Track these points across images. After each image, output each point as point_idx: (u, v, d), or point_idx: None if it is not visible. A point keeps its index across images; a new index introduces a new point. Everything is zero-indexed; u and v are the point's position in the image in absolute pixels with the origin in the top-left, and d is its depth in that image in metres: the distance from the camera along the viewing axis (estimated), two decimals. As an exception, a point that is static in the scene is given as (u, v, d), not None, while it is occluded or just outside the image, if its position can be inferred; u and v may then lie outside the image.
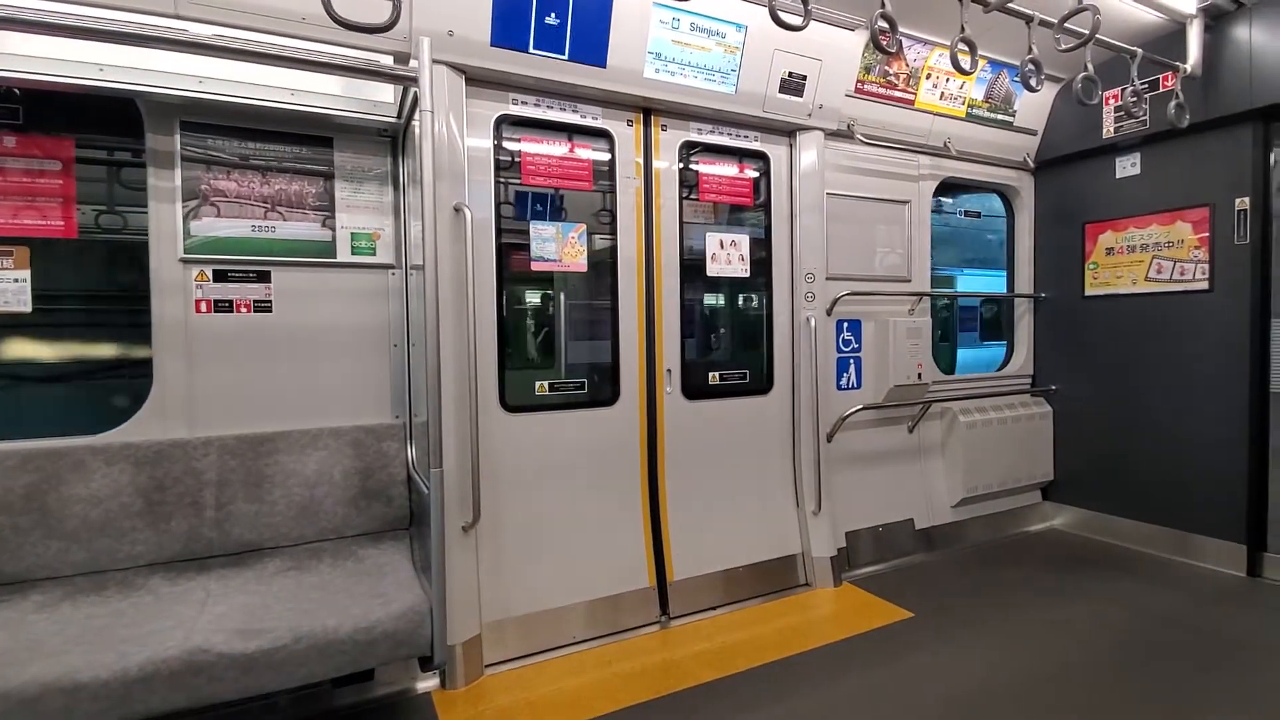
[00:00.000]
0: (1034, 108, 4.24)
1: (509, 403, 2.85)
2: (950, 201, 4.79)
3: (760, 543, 3.41)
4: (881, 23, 2.46)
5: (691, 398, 3.27)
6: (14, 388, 2.64)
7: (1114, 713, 2.33)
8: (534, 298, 3.21)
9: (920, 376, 3.86)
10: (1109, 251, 4.11)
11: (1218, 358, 3.60)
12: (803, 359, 3.50)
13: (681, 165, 3.25)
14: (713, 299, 3.57)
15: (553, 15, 2.68)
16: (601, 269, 3.09)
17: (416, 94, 2.27)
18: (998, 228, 4.79)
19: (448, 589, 2.30)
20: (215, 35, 2.10)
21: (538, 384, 2.98)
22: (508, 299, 2.89)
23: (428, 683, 2.55)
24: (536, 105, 2.90)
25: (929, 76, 3.78)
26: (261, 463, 2.62)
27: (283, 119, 2.72)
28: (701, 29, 2.99)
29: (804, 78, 3.29)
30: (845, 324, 3.78)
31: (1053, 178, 4.42)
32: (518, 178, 2.92)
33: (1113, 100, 3.90)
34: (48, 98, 2.45)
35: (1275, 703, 2.38)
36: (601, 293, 3.12)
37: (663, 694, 2.49)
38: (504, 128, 2.86)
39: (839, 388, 3.75)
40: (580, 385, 3.07)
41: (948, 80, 3.83)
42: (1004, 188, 4.49)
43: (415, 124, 2.33)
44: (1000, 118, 4.16)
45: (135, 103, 2.52)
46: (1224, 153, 3.56)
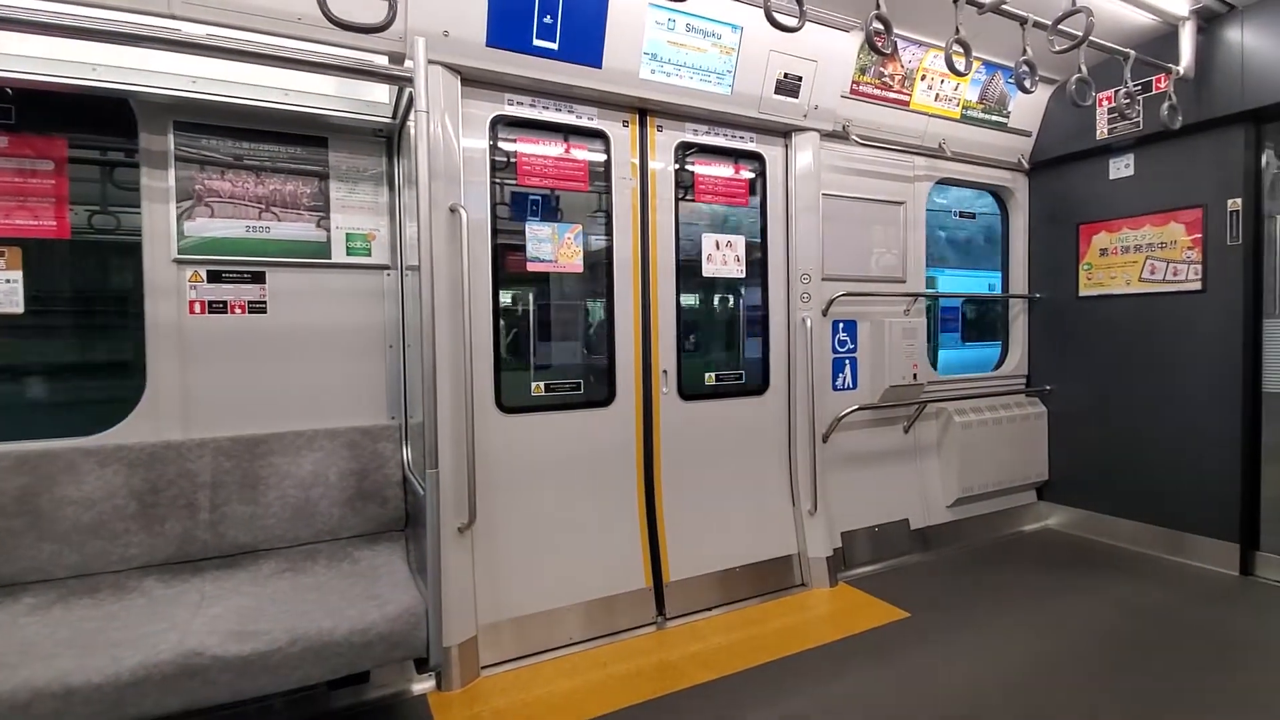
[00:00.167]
0: (1028, 109, 4.26)
1: (505, 404, 2.85)
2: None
3: (756, 543, 3.41)
4: (876, 24, 2.47)
5: (687, 398, 3.28)
6: (6, 389, 2.62)
7: (1108, 711, 2.34)
8: (531, 297, 3.20)
9: (915, 377, 3.87)
10: (1103, 252, 4.13)
11: (1211, 358, 3.62)
12: (798, 359, 3.51)
13: (677, 166, 3.25)
14: (710, 299, 3.57)
15: (548, 16, 2.68)
16: (597, 270, 3.09)
17: (412, 94, 2.27)
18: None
19: (443, 590, 2.29)
20: (209, 35, 2.09)
21: (533, 385, 2.98)
22: (504, 299, 2.89)
23: (423, 684, 2.54)
24: (532, 106, 2.90)
25: (924, 78, 3.79)
26: (256, 464, 2.61)
27: (277, 119, 2.71)
28: (697, 30, 2.99)
29: (799, 79, 3.30)
30: (841, 324, 3.79)
31: (1047, 179, 4.44)
32: (514, 178, 2.91)
33: (1106, 102, 3.91)
34: (40, 97, 2.43)
35: (1268, 700, 2.39)
36: (598, 293, 3.12)
37: (659, 695, 2.49)
38: (500, 128, 2.86)
39: (834, 388, 3.76)
40: (576, 386, 3.07)
41: (942, 81, 3.84)
42: (999, 189, 4.51)
43: (410, 124, 2.33)
44: (995, 119, 4.18)
45: (129, 102, 2.50)
46: (1216, 154, 3.58)
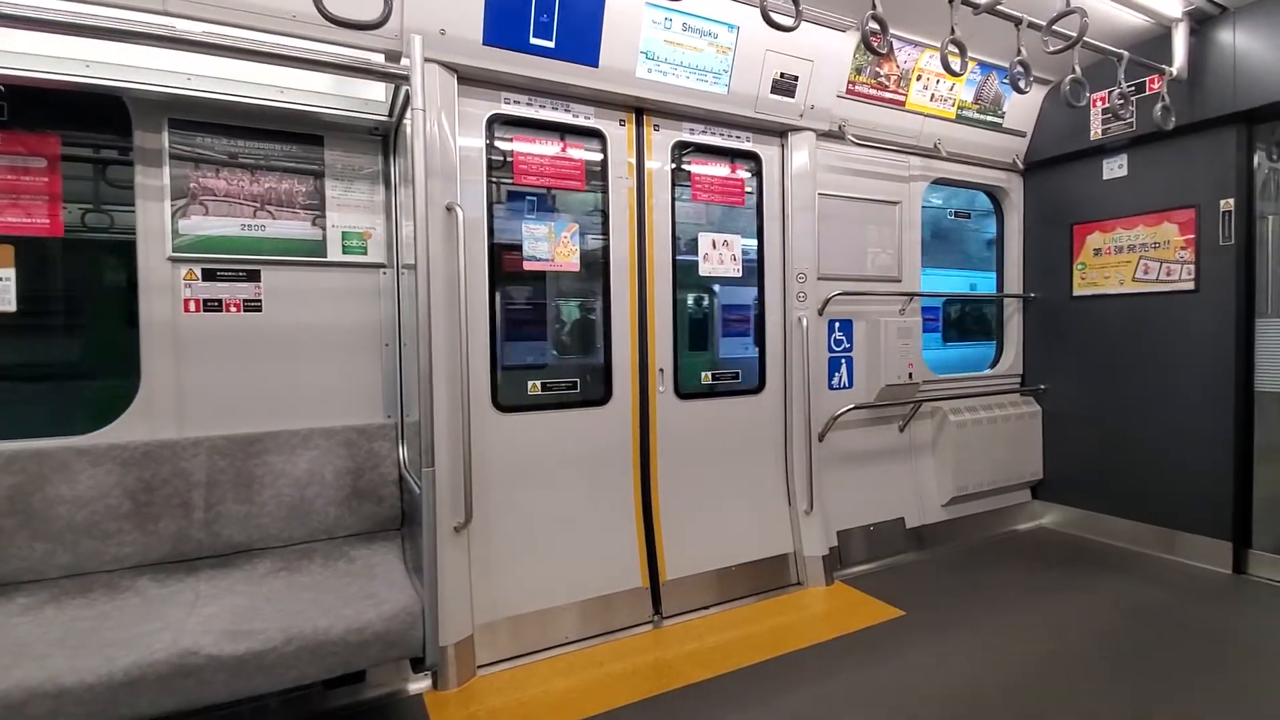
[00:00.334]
0: (1023, 110, 4.28)
1: (501, 402, 2.84)
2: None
3: (752, 542, 3.41)
4: (872, 24, 2.47)
5: (684, 397, 3.28)
6: (-2, 388, 2.61)
7: (1103, 708, 2.35)
8: (526, 297, 3.19)
9: (911, 376, 3.88)
10: (1097, 252, 4.15)
11: (1204, 357, 3.64)
12: (795, 358, 3.51)
13: (674, 165, 3.25)
14: (705, 299, 3.57)
15: (545, 15, 2.68)
16: (594, 268, 3.09)
17: (408, 92, 2.26)
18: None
19: (440, 590, 2.28)
20: (205, 32, 2.08)
21: (530, 384, 2.98)
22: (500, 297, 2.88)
23: (419, 684, 2.54)
24: (529, 105, 2.90)
25: (919, 78, 3.80)
26: (251, 463, 2.60)
27: (272, 117, 2.70)
28: (694, 29, 3.00)
29: (795, 78, 3.31)
30: (837, 324, 3.80)
31: (1041, 179, 4.45)
32: (510, 177, 2.91)
33: (1100, 102, 3.93)
34: (33, 94, 2.41)
35: (1260, 697, 2.41)
36: (594, 292, 3.12)
37: (655, 694, 2.49)
38: (496, 127, 2.85)
39: (830, 387, 3.77)
40: (573, 385, 3.06)
41: (938, 82, 3.85)
42: (993, 189, 4.53)
43: (407, 122, 2.32)
44: (989, 119, 4.20)
45: (123, 100, 2.49)
46: (1209, 154, 3.60)
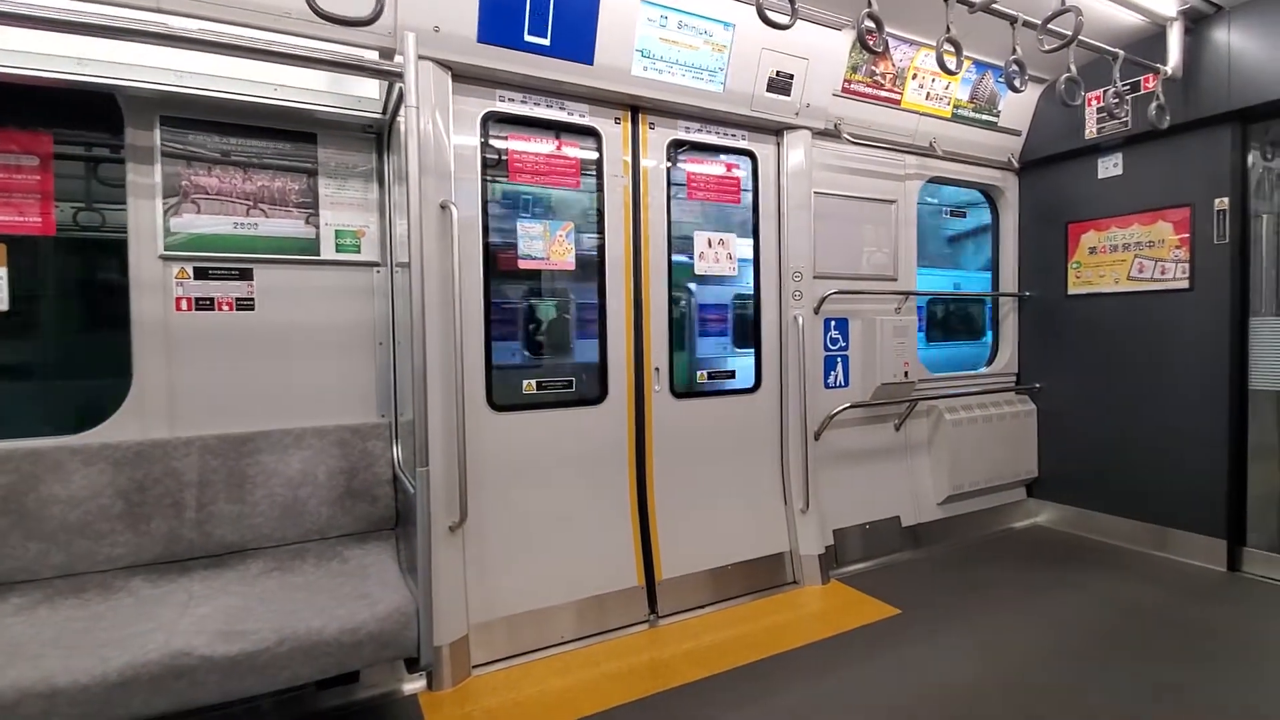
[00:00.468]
0: (1018, 108, 4.28)
1: (496, 401, 2.83)
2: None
3: (748, 541, 3.41)
4: (868, 22, 2.47)
5: (679, 396, 3.27)
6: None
7: (1098, 705, 2.36)
8: (521, 296, 3.18)
9: (907, 375, 3.88)
10: (1092, 251, 4.16)
11: (1198, 355, 3.65)
12: (790, 357, 3.51)
13: (669, 164, 3.25)
14: (701, 298, 3.57)
15: (540, 12, 2.67)
16: (589, 267, 3.08)
17: (402, 90, 2.25)
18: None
19: (434, 589, 2.28)
20: (197, 29, 2.07)
21: (525, 382, 2.97)
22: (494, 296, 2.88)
23: (414, 684, 2.53)
24: (524, 102, 2.89)
25: (915, 76, 3.80)
26: (244, 463, 2.59)
27: (265, 114, 2.68)
28: (689, 27, 2.99)
29: (791, 77, 3.30)
30: (833, 322, 3.80)
31: (1037, 178, 4.46)
32: (505, 175, 2.90)
33: (1095, 101, 3.94)
34: (25, 91, 2.39)
35: (1252, 695, 2.41)
36: (589, 291, 3.11)
37: (651, 693, 2.48)
38: (491, 125, 2.84)
39: (826, 386, 3.77)
40: (568, 384, 3.06)
41: (933, 80, 3.86)
42: (989, 187, 4.53)
43: (400, 120, 2.31)
44: (985, 118, 4.20)
45: (115, 97, 2.48)
46: (1203, 153, 3.61)
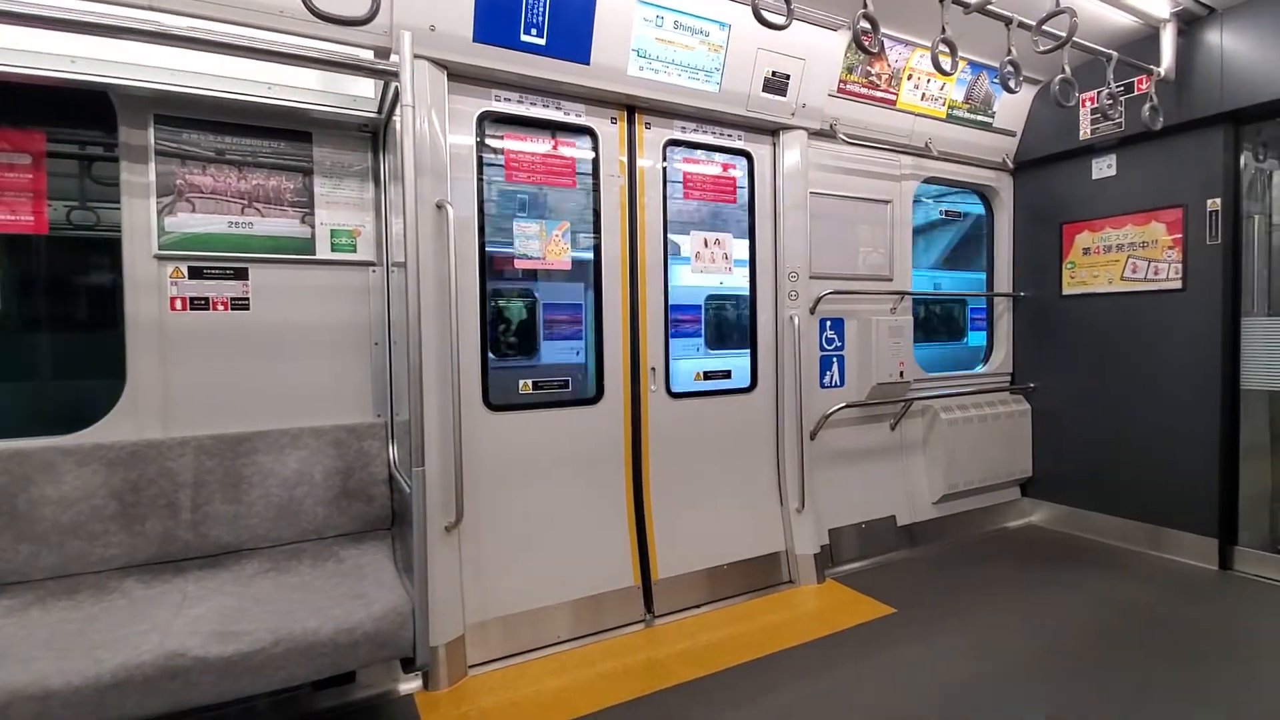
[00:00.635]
0: (1013, 109, 4.30)
1: (492, 401, 2.83)
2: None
3: (744, 540, 3.42)
4: (864, 23, 2.48)
5: (676, 396, 3.28)
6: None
7: (1091, 704, 2.37)
8: (519, 295, 3.18)
9: (902, 374, 3.90)
10: (1086, 251, 4.18)
11: (1191, 355, 3.68)
12: (786, 357, 3.52)
13: (665, 163, 3.25)
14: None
15: (536, 12, 2.67)
16: (585, 267, 3.08)
17: (398, 89, 2.25)
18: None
19: (430, 589, 2.28)
20: (191, 27, 2.06)
21: (521, 382, 2.97)
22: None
23: (410, 684, 2.53)
24: (520, 102, 2.88)
25: (910, 77, 3.81)
26: (239, 463, 2.58)
27: (260, 113, 2.67)
28: (685, 27, 2.99)
29: (787, 77, 3.31)
30: (828, 322, 3.80)
31: (1031, 178, 4.48)
32: (501, 175, 2.90)
33: (1089, 102, 3.96)
34: (17, 90, 2.38)
35: (1245, 692, 2.43)
36: (586, 291, 3.11)
37: (647, 693, 2.49)
38: (487, 124, 2.84)
39: (822, 386, 3.78)
40: (564, 383, 3.06)
41: (929, 81, 3.87)
42: (984, 188, 4.55)
43: (396, 119, 2.30)
44: (980, 119, 4.21)
45: (108, 96, 2.46)
46: (1196, 154, 3.63)
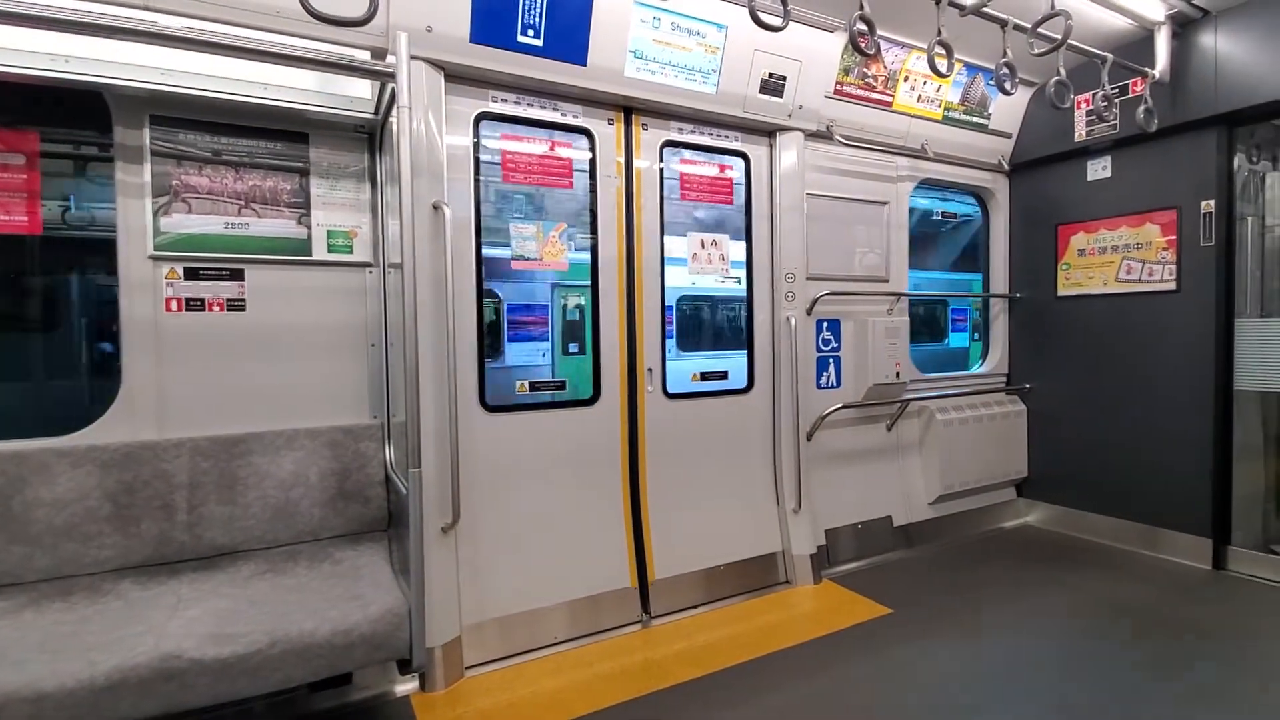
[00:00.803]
0: (1008, 111, 4.31)
1: (489, 402, 2.83)
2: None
3: (741, 541, 3.42)
4: (860, 25, 2.48)
5: (672, 397, 3.28)
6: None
7: (1086, 703, 2.38)
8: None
9: (898, 375, 3.91)
10: (1081, 253, 4.19)
11: (1185, 356, 3.69)
12: (783, 358, 3.52)
13: (662, 164, 3.25)
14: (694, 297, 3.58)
15: (533, 13, 2.67)
16: (582, 267, 3.08)
17: (394, 90, 2.24)
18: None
19: (427, 591, 2.27)
20: (187, 27, 2.06)
21: (518, 383, 2.96)
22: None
23: (407, 685, 2.52)
24: (517, 103, 2.88)
25: (906, 79, 3.82)
26: (235, 464, 2.57)
27: (256, 114, 2.67)
28: (682, 28, 2.99)
29: (784, 79, 3.31)
30: (825, 323, 3.81)
31: (1026, 180, 4.49)
32: (498, 176, 2.89)
33: (1084, 104, 3.97)
34: (11, 89, 2.37)
35: (1240, 690, 2.44)
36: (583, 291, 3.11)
37: (644, 693, 2.49)
38: (483, 125, 2.84)
39: (819, 386, 3.78)
40: (561, 384, 3.05)
41: (925, 83, 3.88)
42: (979, 189, 4.56)
43: (393, 120, 2.30)
44: (976, 120, 4.23)
45: (103, 96, 2.45)
46: (1191, 157, 3.64)
